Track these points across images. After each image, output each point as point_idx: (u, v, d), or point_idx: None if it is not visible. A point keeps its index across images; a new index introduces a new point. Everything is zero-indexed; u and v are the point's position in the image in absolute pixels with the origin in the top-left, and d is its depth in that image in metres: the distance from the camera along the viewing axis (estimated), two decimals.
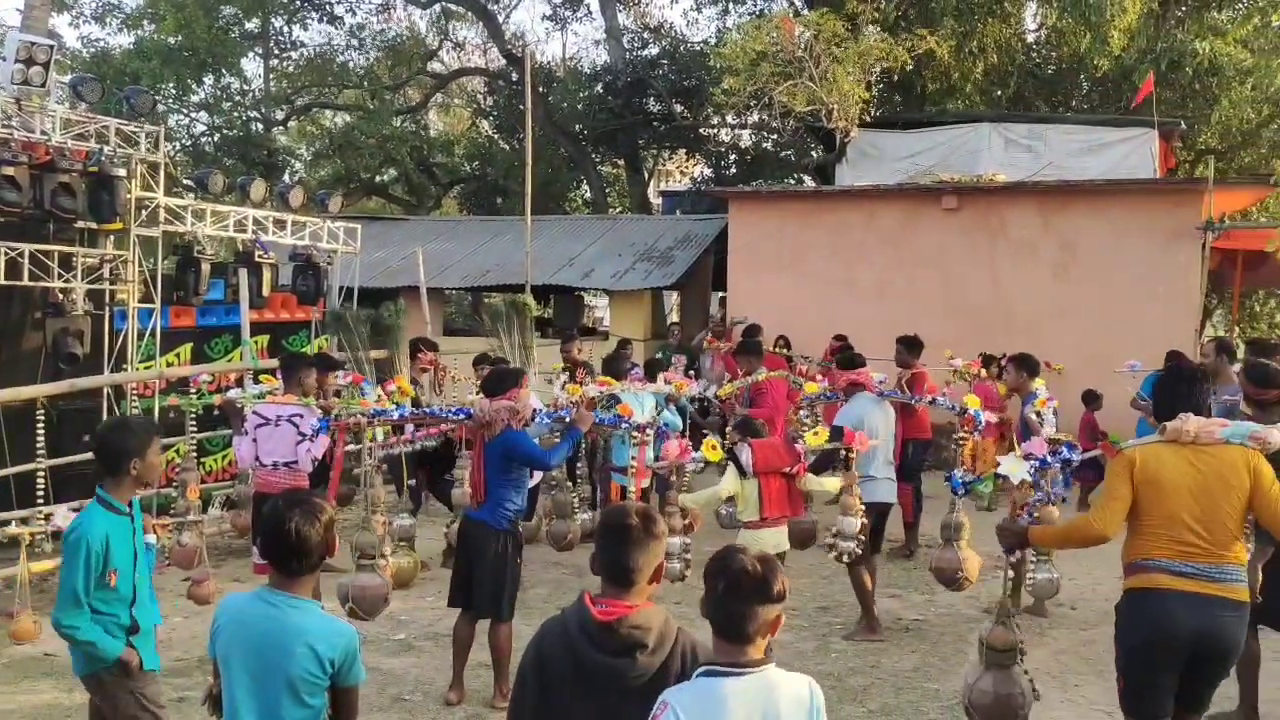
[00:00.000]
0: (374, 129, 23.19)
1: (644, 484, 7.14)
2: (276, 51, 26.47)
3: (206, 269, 10.49)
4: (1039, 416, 7.49)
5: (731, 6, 23.14)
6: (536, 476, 7.54)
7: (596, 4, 24.81)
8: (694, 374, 12.02)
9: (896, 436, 7.85)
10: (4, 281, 8.78)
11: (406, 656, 6.64)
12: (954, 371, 10.11)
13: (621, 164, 25.62)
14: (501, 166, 24.51)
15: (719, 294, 17.79)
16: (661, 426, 7.32)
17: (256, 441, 7.05)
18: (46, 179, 8.94)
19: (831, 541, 6.39)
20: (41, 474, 8.16)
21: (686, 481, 6.57)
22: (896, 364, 9.33)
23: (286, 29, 25.81)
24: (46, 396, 8.41)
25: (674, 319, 19.61)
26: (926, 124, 16.70)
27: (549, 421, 6.78)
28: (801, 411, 8.35)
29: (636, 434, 6.71)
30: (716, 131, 23.43)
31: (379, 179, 26.85)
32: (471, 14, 26.27)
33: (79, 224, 9.58)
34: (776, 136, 20.81)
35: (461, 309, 22.34)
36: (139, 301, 9.91)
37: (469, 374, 9.62)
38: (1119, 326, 12.50)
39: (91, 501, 4.11)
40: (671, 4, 57.00)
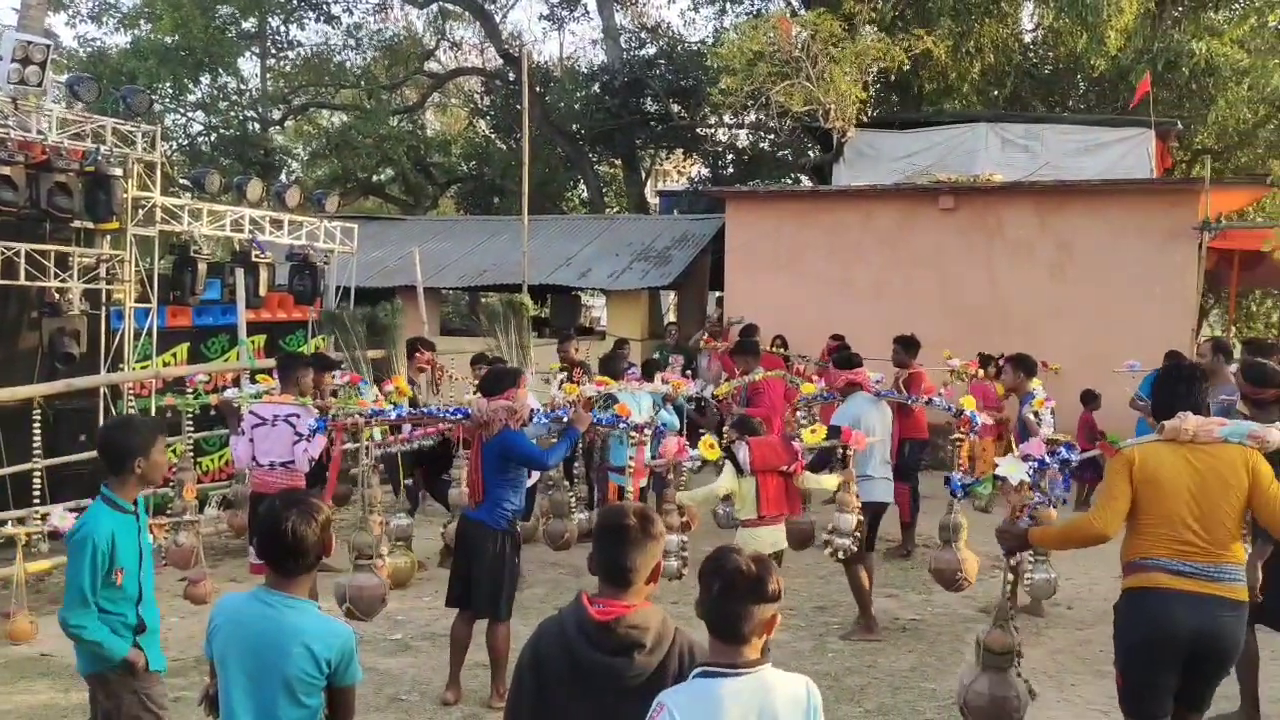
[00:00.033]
0: (371, 129, 23.18)
1: (641, 483, 7.14)
2: (273, 51, 26.45)
3: (203, 269, 10.49)
4: (1036, 417, 7.49)
5: (729, 6, 23.17)
6: (534, 476, 7.54)
7: (594, 4, 24.81)
8: (691, 374, 12.03)
9: (893, 436, 7.86)
10: (0, 281, 8.77)
11: (403, 656, 6.63)
12: (951, 372, 10.11)
13: (619, 164, 25.63)
14: (498, 166, 24.51)
15: (716, 294, 17.81)
16: (659, 426, 7.32)
17: (253, 441, 7.04)
18: (43, 178, 8.93)
19: (827, 538, 6.40)
20: (38, 474, 8.16)
21: (684, 480, 6.58)
22: (893, 364, 9.34)
23: (283, 28, 25.82)
24: (43, 396, 8.40)
25: (671, 319, 19.62)
26: (923, 124, 16.70)
27: (546, 421, 6.77)
28: (799, 413, 8.35)
29: (634, 434, 6.71)
30: (714, 131, 23.45)
31: (376, 179, 26.84)
32: (468, 14, 26.27)
33: (75, 223, 9.58)
34: (774, 136, 20.83)
35: (458, 309, 22.33)
36: (135, 301, 9.90)
37: (466, 374, 9.61)
38: (1116, 326, 12.52)
39: (96, 500, 4.11)
40: (669, 4, 57.04)
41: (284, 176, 24.55)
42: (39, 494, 8.12)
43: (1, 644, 6.61)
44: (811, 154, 19.70)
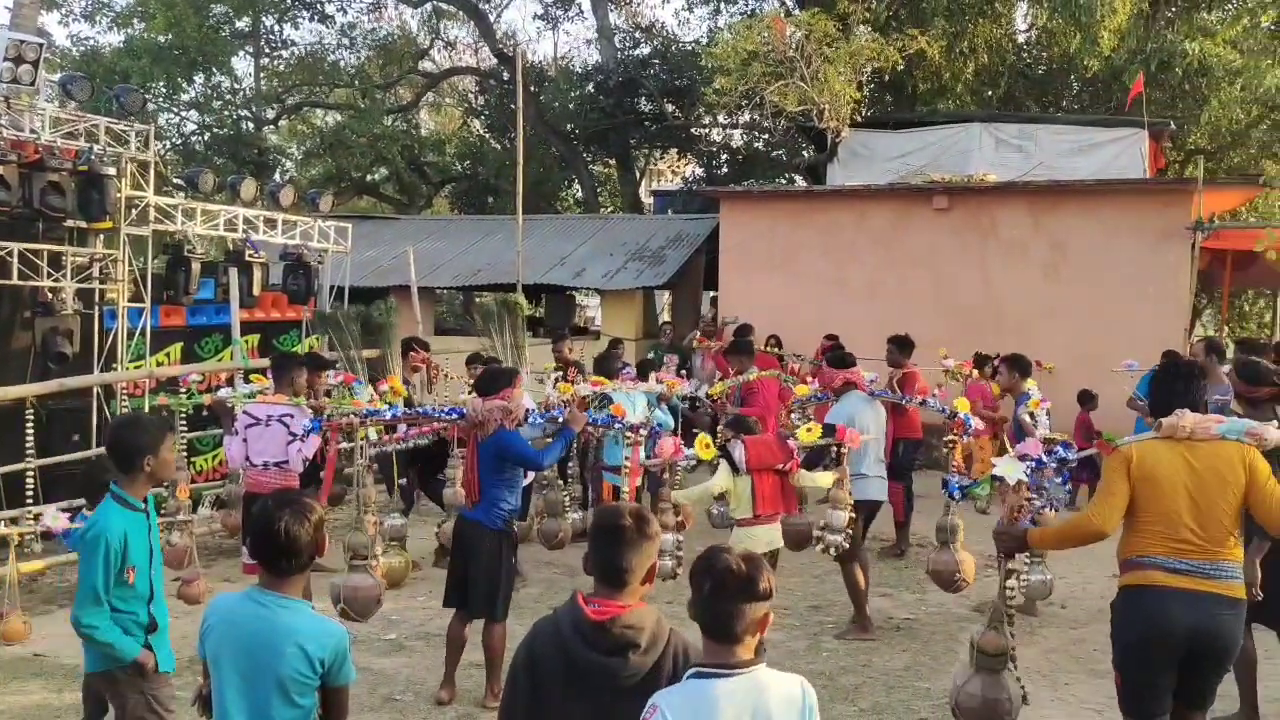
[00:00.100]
0: (365, 128, 23.14)
1: (636, 482, 7.14)
2: (267, 50, 26.38)
3: (197, 268, 10.47)
4: (1032, 418, 7.50)
5: (723, 6, 23.14)
6: (530, 476, 7.53)
7: (588, 3, 24.78)
8: (686, 373, 12.04)
9: (887, 435, 7.87)
10: None
11: (397, 656, 6.62)
12: (946, 372, 10.12)
13: (613, 163, 25.60)
14: (493, 166, 24.48)
15: (710, 293, 17.82)
16: (655, 426, 7.32)
17: (247, 441, 7.03)
18: (36, 178, 8.92)
19: (819, 534, 6.39)
20: (30, 474, 8.14)
21: (678, 479, 6.57)
22: (888, 363, 9.35)
23: (277, 27, 25.75)
24: (35, 396, 8.39)
25: (666, 318, 19.61)
26: (917, 124, 16.72)
27: (542, 421, 6.77)
28: (793, 415, 8.35)
29: (630, 434, 6.70)
30: (708, 131, 23.44)
31: (370, 178, 26.79)
32: (463, 13, 26.23)
33: (68, 223, 9.55)
34: (768, 136, 20.84)
35: (453, 308, 22.31)
36: (129, 301, 9.88)
37: (460, 373, 9.61)
38: (1109, 326, 12.54)
39: (106, 498, 4.11)
40: (663, 4, 57.07)
41: (278, 176, 24.51)
42: (32, 494, 8.10)
43: None
44: (806, 154, 19.72)
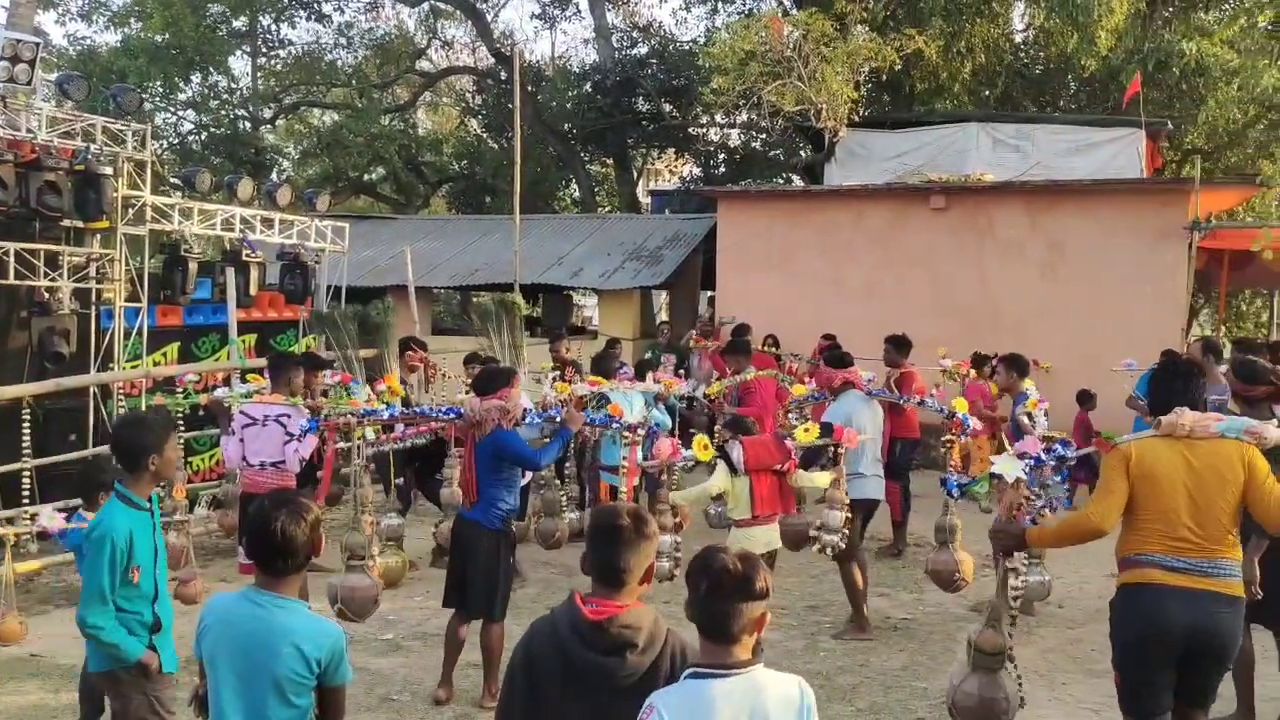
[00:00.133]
0: (362, 127, 23.13)
1: (634, 482, 7.13)
2: (264, 49, 26.36)
3: (193, 268, 10.46)
4: (1030, 419, 7.49)
5: (720, 6, 23.14)
6: (528, 476, 7.53)
7: (585, 3, 24.78)
8: (684, 373, 12.04)
9: (884, 435, 7.86)
10: None
11: (394, 656, 6.62)
12: (944, 372, 10.12)
13: (610, 163, 25.59)
14: (490, 165, 24.47)
15: (708, 293, 17.81)
16: (653, 426, 7.31)
17: (243, 441, 7.01)
18: (32, 177, 8.91)
19: (814, 534, 6.39)
20: (27, 474, 8.12)
21: (676, 479, 6.57)
22: (885, 363, 9.35)
23: (274, 27, 25.71)
24: (32, 396, 8.37)
25: (663, 318, 19.61)
26: (915, 124, 16.72)
27: (539, 421, 6.76)
28: (790, 415, 8.34)
29: (627, 434, 6.70)
30: (705, 131, 23.43)
31: (367, 178, 26.77)
32: (460, 13, 26.21)
33: (65, 222, 9.55)
34: (765, 136, 20.83)
35: (450, 308, 22.30)
36: (125, 300, 9.86)
37: (458, 373, 9.60)
38: (1106, 326, 12.54)
39: (111, 498, 4.10)
40: (660, 3, 56.97)
41: (275, 175, 24.49)
42: (28, 494, 8.09)
43: None
44: (803, 154, 19.71)
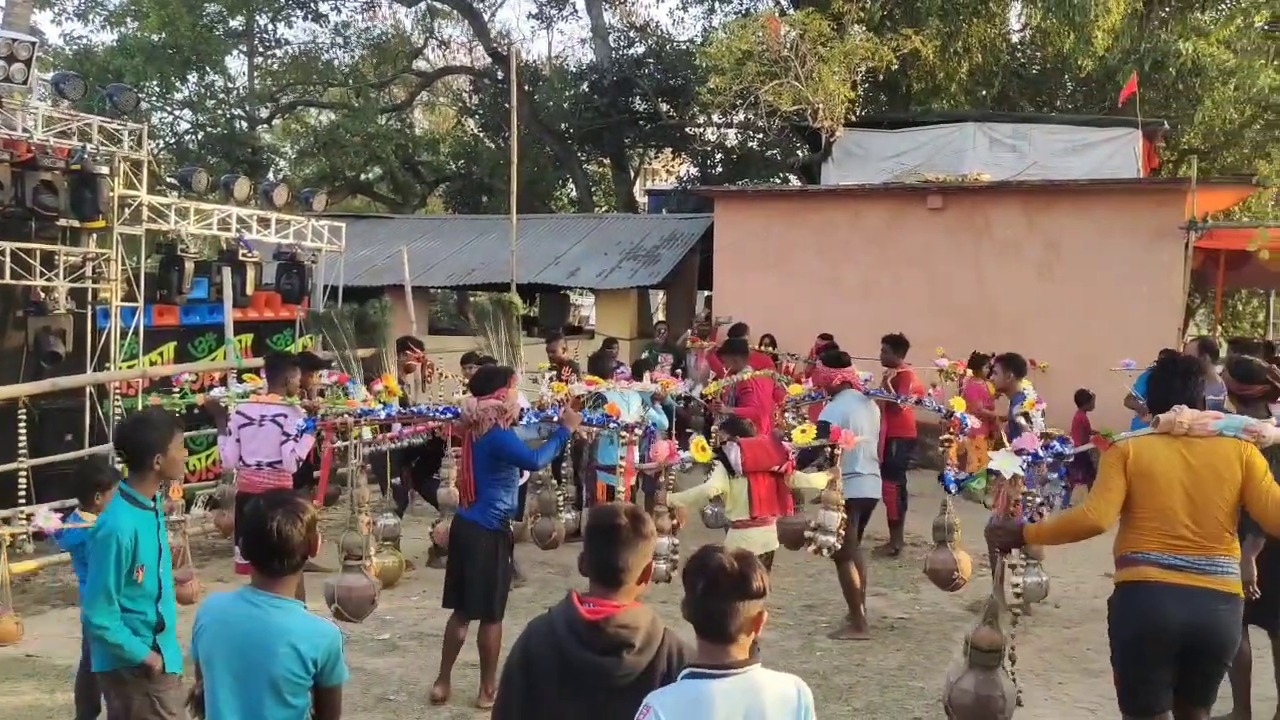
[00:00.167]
0: (359, 127, 23.12)
1: (631, 482, 7.13)
2: (261, 49, 26.35)
3: (190, 267, 10.44)
4: (1028, 419, 7.49)
5: (717, 6, 23.16)
6: (525, 475, 7.52)
7: (582, 3, 24.78)
8: (681, 373, 12.03)
9: (881, 435, 7.86)
10: None
11: (391, 656, 6.61)
12: (940, 372, 10.12)
13: (607, 163, 25.59)
14: (487, 165, 24.46)
15: (705, 293, 17.81)
16: (649, 426, 7.31)
17: (240, 441, 7.00)
18: (28, 177, 8.89)
19: (810, 535, 6.39)
20: (23, 474, 8.12)
21: (673, 480, 6.56)
22: (882, 363, 9.35)
23: (271, 26, 25.71)
24: (28, 396, 8.36)
25: (660, 318, 19.62)
26: (912, 124, 16.73)
27: (537, 421, 6.75)
28: (787, 415, 8.34)
29: (625, 434, 6.69)
30: (702, 130, 23.43)
31: (364, 177, 26.76)
32: (457, 12, 26.21)
33: (61, 222, 9.53)
34: (762, 136, 20.83)
35: (447, 308, 22.29)
36: (122, 300, 9.84)
37: (455, 372, 9.59)
38: (1103, 326, 12.56)
39: (116, 497, 4.10)
40: (657, 3, 56.90)
41: (271, 175, 24.45)
42: (24, 494, 8.08)
43: None
44: (800, 153, 19.72)
